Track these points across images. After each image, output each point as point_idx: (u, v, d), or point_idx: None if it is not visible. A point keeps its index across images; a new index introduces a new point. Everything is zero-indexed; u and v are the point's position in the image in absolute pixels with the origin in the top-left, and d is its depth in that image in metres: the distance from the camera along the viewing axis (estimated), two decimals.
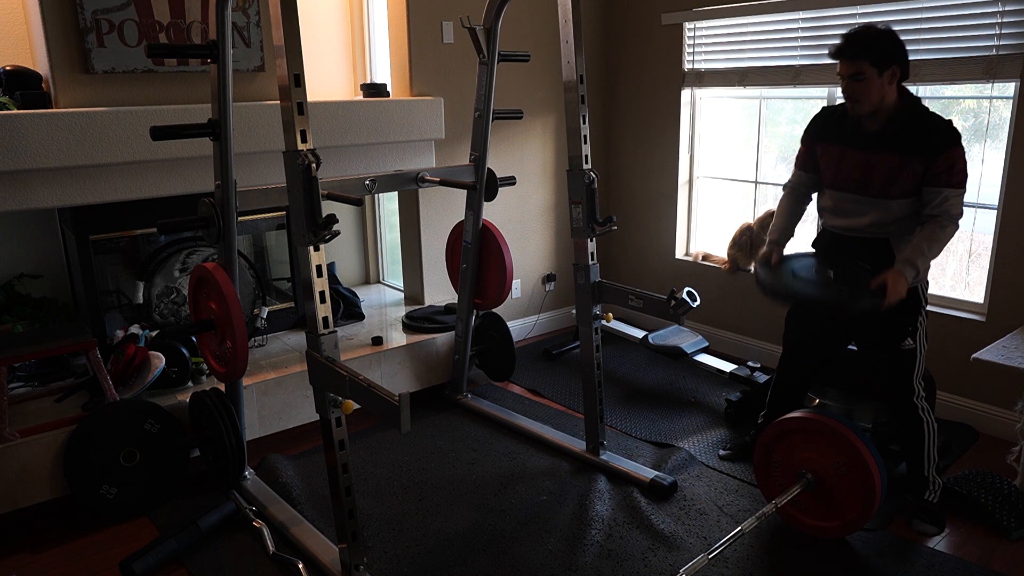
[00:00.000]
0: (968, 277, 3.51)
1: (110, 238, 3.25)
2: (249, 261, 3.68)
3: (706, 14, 4.03)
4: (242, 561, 2.51)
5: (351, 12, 4.31)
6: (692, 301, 2.60)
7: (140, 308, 3.39)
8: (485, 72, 3.19)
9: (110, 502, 2.74)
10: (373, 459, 3.16)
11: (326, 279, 2.20)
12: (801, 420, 2.54)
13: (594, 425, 3.06)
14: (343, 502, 2.28)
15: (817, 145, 2.73)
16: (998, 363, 2.67)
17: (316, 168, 2.10)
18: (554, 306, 4.78)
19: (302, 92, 2.10)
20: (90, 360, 2.78)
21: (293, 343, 3.66)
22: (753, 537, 2.61)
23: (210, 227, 2.61)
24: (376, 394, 1.96)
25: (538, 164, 4.45)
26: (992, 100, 3.26)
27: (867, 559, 2.49)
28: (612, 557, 2.50)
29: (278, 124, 3.19)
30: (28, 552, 2.59)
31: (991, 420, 3.29)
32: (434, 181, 3.18)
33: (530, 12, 4.18)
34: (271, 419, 3.23)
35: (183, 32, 3.17)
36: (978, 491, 2.73)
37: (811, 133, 2.76)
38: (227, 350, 2.59)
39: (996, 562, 2.47)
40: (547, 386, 3.93)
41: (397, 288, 4.57)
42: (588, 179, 2.79)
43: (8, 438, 2.63)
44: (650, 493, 2.86)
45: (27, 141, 2.75)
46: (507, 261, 3.37)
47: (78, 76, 2.98)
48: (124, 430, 2.77)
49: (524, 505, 2.82)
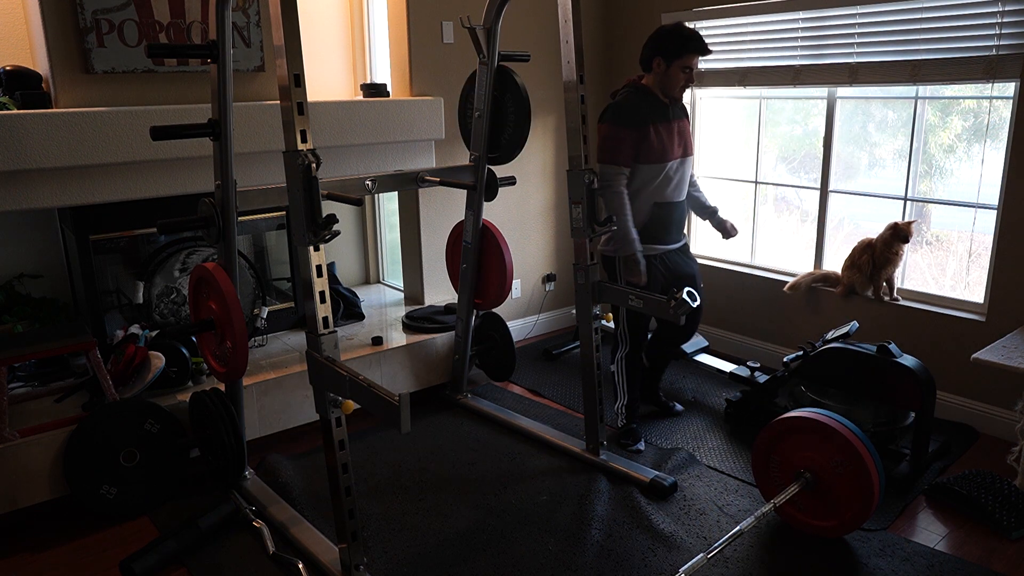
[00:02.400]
0: (968, 277, 3.51)
1: (110, 238, 3.25)
2: (249, 261, 3.68)
3: (706, 14, 4.03)
4: (242, 561, 2.51)
5: (351, 12, 4.31)
6: (692, 301, 2.60)
7: (140, 308, 3.39)
8: (485, 72, 3.19)
9: (110, 502, 2.74)
10: (373, 459, 3.16)
11: (326, 279, 2.20)
12: (800, 419, 2.54)
13: (594, 425, 3.06)
14: (343, 502, 2.28)
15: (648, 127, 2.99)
16: (998, 363, 2.67)
17: (316, 168, 2.10)
18: (554, 306, 4.78)
19: (302, 92, 2.10)
20: (90, 360, 2.78)
21: (293, 343, 3.66)
22: (752, 537, 2.61)
23: (210, 227, 2.61)
24: (376, 394, 1.96)
25: (538, 164, 4.45)
26: (992, 100, 3.26)
27: (867, 559, 2.49)
28: (612, 557, 2.50)
29: (278, 124, 3.19)
30: (28, 552, 2.60)
31: (991, 420, 3.29)
32: (434, 181, 3.18)
33: (530, 12, 4.18)
34: (271, 419, 3.23)
35: (183, 32, 3.17)
36: (978, 491, 2.73)
37: (634, 122, 2.97)
38: (227, 350, 2.59)
39: (996, 562, 2.47)
40: (547, 386, 3.93)
41: (397, 288, 4.57)
42: (588, 179, 2.79)
43: (8, 438, 2.63)
44: (650, 493, 2.86)
45: (27, 141, 2.76)
46: (507, 261, 3.37)
47: (78, 76, 2.98)
48: (124, 430, 2.77)
49: (524, 505, 2.82)
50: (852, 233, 3.85)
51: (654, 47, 2.96)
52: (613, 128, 2.95)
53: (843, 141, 3.77)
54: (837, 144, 3.76)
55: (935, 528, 2.67)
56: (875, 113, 3.73)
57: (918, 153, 3.49)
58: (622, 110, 2.97)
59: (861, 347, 3.00)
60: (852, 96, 3.69)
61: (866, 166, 3.78)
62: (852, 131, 3.77)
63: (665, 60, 2.94)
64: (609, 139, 2.95)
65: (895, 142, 3.65)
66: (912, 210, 3.58)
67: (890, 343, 2.93)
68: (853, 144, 3.78)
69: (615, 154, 2.95)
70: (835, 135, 3.74)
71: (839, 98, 3.70)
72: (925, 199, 3.57)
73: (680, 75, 2.96)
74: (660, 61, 2.94)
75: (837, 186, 3.81)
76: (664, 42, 2.92)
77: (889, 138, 3.68)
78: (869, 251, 3.55)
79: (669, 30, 2.97)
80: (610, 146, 2.95)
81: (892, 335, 3.51)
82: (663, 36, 2.95)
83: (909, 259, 3.61)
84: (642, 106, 2.98)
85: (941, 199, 3.56)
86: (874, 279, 3.55)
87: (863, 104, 3.73)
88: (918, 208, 3.60)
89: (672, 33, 2.93)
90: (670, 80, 2.97)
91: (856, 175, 3.81)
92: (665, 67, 2.95)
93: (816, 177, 3.85)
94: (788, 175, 4.11)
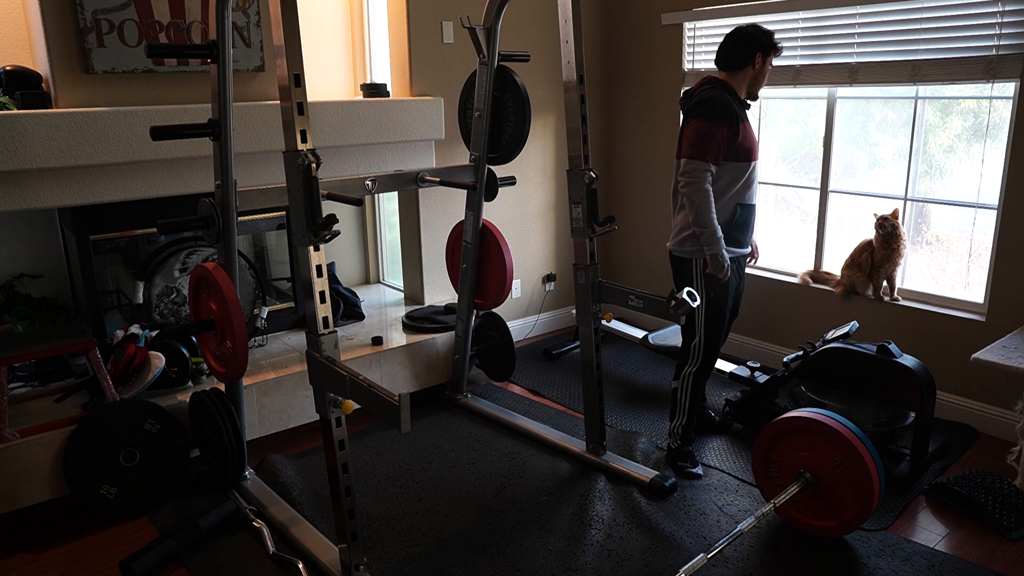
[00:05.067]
0: (968, 277, 3.51)
1: (110, 238, 3.25)
2: (249, 261, 3.68)
3: (706, 14, 4.04)
4: (242, 561, 2.51)
5: (351, 12, 4.31)
6: (692, 301, 2.60)
7: (140, 308, 3.39)
8: (485, 72, 3.19)
9: (110, 502, 2.74)
10: (373, 459, 3.16)
11: (326, 279, 2.20)
12: (799, 419, 2.54)
13: (594, 425, 3.06)
14: (343, 502, 2.28)
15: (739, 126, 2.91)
16: (998, 363, 2.67)
17: (316, 168, 2.10)
18: (554, 306, 4.78)
19: (302, 92, 2.10)
20: (90, 360, 2.78)
21: (293, 343, 3.66)
22: (752, 537, 2.61)
23: (210, 227, 2.61)
24: (376, 394, 1.96)
25: (538, 164, 4.45)
26: (992, 100, 3.26)
27: (867, 559, 2.49)
28: (612, 557, 2.50)
29: (278, 124, 3.20)
30: (28, 552, 2.60)
31: (991, 420, 3.29)
32: (434, 181, 3.18)
33: (530, 12, 4.18)
34: (271, 419, 3.23)
35: (183, 32, 3.17)
36: (978, 491, 2.73)
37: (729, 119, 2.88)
38: (227, 350, 2.59)
39: (996, 562, 2.47)
40: (547, 386, 3.93)
41: (397, 288, 4.57)
42: (588, 179, 2.79)
43: (8, 438, 2.63)
44: (650, 493, 2.86)
45: (27, 141, 2.76)
46: (507, 261, 3.37)
47: (78, 76, 2.98)
48: (124, 430, 2.77)
49: (524, 505, 2.82)
50: (852, 233, 3.85)
51: (753, 43, 2.90)
52: (709, 123, 2.81)
53: (843, 141, 3.77)
54: (837, 144, 3.76)
55: (935, 528, 2.67)
56: (875, 113, 3.73)
57: (918, 153, 3.49)
58: (718, 105, 2.85)
59: (861, 347, 3.00)
60: (852, 96, 3.69)
61: (866, 166, 3.78)
62: (852, 131, 3.77)
63: (764, 55, 2.91)
64: (703, 134, 2.81)
65: (895, 142, 3.65)
66: (912, 210, 3.58)
67: (890, 343, 2.93)
68: (853, 144, 3.78)
69: (705, 150, 2.81)
70: (835, 135, 3.74)
71: (839, 98, 3.70)
72: (925, 199, 3.57)
73: (768, 70, 2.96)
74: (760, 56, 2.91)
75: (837, 186, 3.81)
76: (763, 38, 2.90)
77: (889, 138, 3.68)
78: (869, 250, 3.55)
79: (758, 28, 2.94)
80: (702, 141, 2.81)
81: (892, 335, 3.51)
82: (759, 32, 2.92)
83: (909, 259, 3.61)
84: (732, 103, 2.89)
85: (941, 199, 3.56)
86: (873, 278, 3.55)
87: (863, 104, 3.73)
88: (918, 208, 3.60)
89: (764, 31, 2.92)
90: (763, 76, 2.96)
91: (856, 175, 3.81)
92: (762, 62, 2.92)
93: (816, 177, 3.85)
94: (788, 175, 4.11)
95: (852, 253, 3.64)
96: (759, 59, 2.90)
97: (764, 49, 2.90)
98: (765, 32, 2.91)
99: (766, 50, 2.91)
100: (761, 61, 2.91)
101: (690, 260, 2.95)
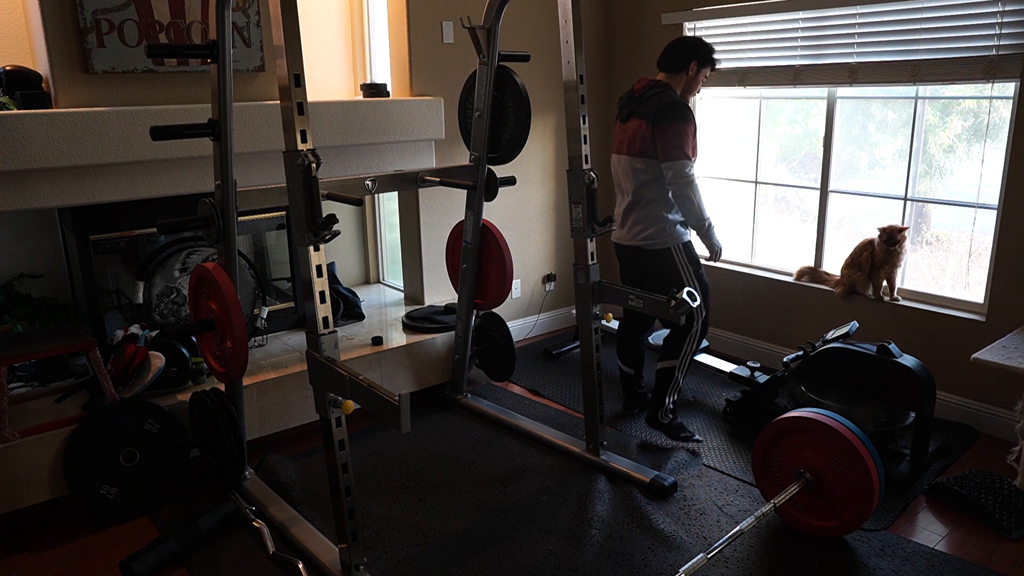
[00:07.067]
0: (968, 277, 3.51)
1: (110, 238, 3.25)
2: (249, 261, 3.68)
3: (706, 14, 4.04)
4: (242, 561, 2.51)
5: (351, 12, 4.31)
6: (692, 301, 2.60)
7: (140, 308, 3.39)
8: (485, 72, 3.19)
9: (110, 502, 2.74)
10: (373, 459, 3.16)
11: (326, 279, 2.20)
12: (799, 419, 2.54)
13: (594, 425, 3.06)
14: (343, 502, 2.28)
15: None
16: (998, 363, 2.67)
17: (316, 168, 2.10)
18: (554, 306, 4.78)
19: (302, 92, 2.10)
20: (90, 360, 2.78)
21: (293, 343, 3.66)
22: (752, 537, 2.61)
23: (210, 227, 2.61)
24: (376, 394, 1.96)
25: (538, 164, 4.45)
26: (992, 100, 3.26)
27: (867, 559, 2.49)
28: (612, 557, 2.50)
29: (278, 124, 3.20)
30: (28, 552, 2.60)
31: (991, 420, 3.29)
32: (434, 181, 3.18)
33: (530, 12, 4.18)
34: (271, 419, 3.23)
35: (183, 32, 3.17)
36: (978, 491, 2.73)
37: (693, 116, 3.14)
38: (227, 350, 2.59)
39: (996, 562, 2.47)
40: (547, 386, 3.93)
41: (397, 288, 4.57)
42: (588, 179, 2.79)
43: (8, 438, 2.63)
44: (650, 493, 2.86)
45: (27, 141, 2.76)
46: (507, 261, 3.37)
47: (78, 76, 2.98)
48: (124, 430, 2.77)
49: (524, 505, 2.82)
50: (852, 233, 3.85)
51: (690, 51, 3.17)
52: (685, 124, 3.06)
53: (843, 141, 3.77)
54: (837, 144, 3.76)
55: (935, 528, 2.67)
56: (875, 113, 3.73)
57: (918, 153, 3.49)
58: (684, 106, 3.11)
59: (861, 347, 3.00)
60: (852, 96, 3.69)
61: (866, 166, 3.78)
62: (852, 131, 3.77)
63: (699, 64, 3.18)
64: (682, 135, 3.05)
65: (895, 142, 3.65)
66: (912, 210, 3.58)
67: (890, 343, 2.93)
68: (853, 144, 3.78)
69: (688, 148, 3.07)
70: (835, 135, 3.74)
71: (839, 98, 3.70)
72: (925, 199, 3.57)
73: (702, 80, 3.24)
74: (696, 64, 3.18)
75: (837, 186, 3.81)
76: (700, 48, 3.18)
77: (889, 138, 3.68)
78: (869, 250, 3.55)
79: (700, 40, 3.23)
80: (684, 141, 3.05)
81: (892, 335, 3.51)
82: (698, 43, 3.20)
83: (909, 259, 3.61)
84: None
85: (941, 199, 3.56)
86: (873, 278, 3.55)
87: (863, 104, 3.73)
88: (918, 208, 3.60)
89: (705, 44, 3.21)
90: (695, 84, 3.22)
91: (856, 175, 3.81)
92: (697, 71, 3.18)
93: (816, 177, 3.85)
94: (788, 175, 4.11)
95: (852, 253, 3.64)
96: (694, 67, 3.17)
97: (700, 59, 3.18)
98: (705, 45, 3.20)
99: (702, 61, 3.18)
100: (696, 70, 3.18)
101: (668, 249, 3.19)
